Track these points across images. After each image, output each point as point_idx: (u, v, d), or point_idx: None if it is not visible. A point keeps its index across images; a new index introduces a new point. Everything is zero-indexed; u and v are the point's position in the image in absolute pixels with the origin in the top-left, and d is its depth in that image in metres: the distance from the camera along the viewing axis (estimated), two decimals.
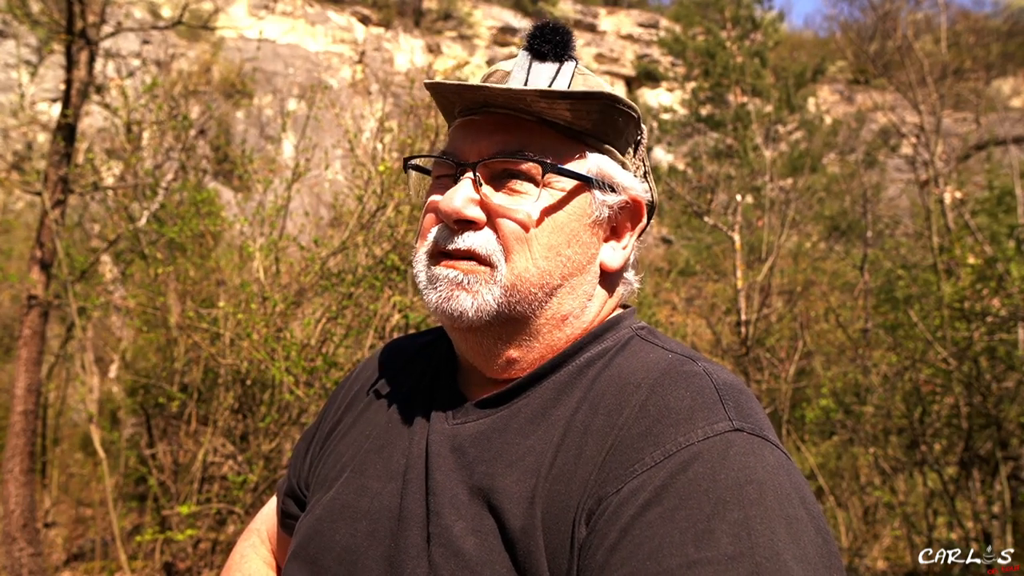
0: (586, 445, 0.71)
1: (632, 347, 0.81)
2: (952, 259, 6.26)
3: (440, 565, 0.72)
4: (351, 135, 5.00)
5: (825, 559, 0.62)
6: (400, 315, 4.46)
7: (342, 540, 0.81)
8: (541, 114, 0.80)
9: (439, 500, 0.76)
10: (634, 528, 0.63)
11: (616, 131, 0.83)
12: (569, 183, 0.81)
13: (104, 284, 6.50)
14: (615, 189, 0.84)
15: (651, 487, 0.64)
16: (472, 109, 0.83)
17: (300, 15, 32.57)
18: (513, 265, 0.79)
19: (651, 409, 0.70)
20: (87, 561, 6.06)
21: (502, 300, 0.79)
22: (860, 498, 6.60)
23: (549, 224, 0.80)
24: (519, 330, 0.82)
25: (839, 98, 34.45)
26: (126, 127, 5.62)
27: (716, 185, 9.27)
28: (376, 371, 1.01)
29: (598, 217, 0.83)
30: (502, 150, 0.80)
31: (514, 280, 0.79)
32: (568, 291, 0.83)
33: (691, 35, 18.88)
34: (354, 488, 0.85)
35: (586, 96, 0.78)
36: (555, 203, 0.81)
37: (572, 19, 39.49)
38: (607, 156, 0.84)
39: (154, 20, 14.15)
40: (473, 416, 0.82)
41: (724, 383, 0.73)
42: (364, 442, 0.90)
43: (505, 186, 0.81)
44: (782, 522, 0.62)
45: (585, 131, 0.82)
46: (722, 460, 0.65)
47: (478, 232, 0.80)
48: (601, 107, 0.80)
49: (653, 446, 0.67)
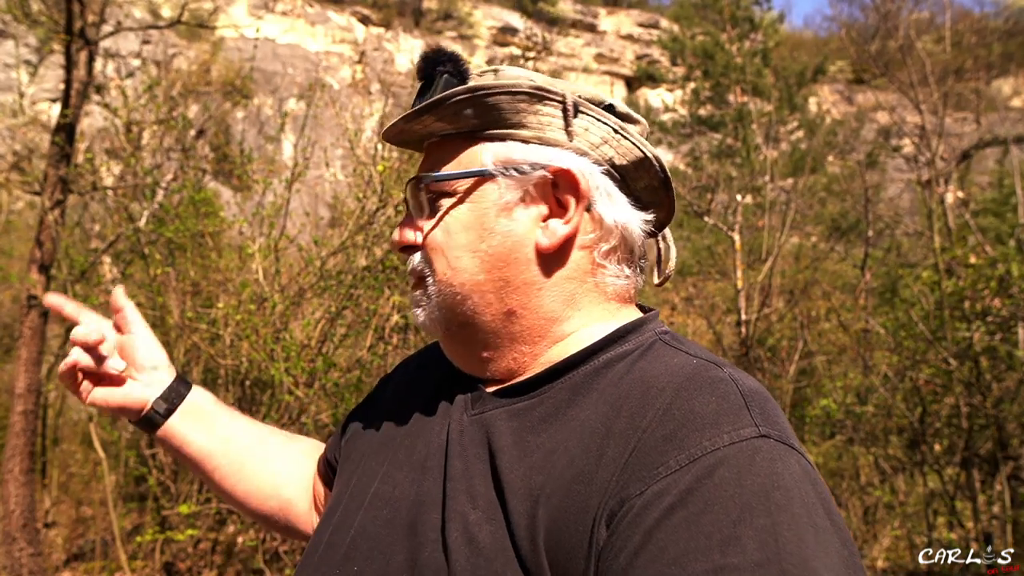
0: (607, 447, 0.70)
1: (655, 351, 0.80)
2: (953, 259, 6.25)
3: (455, 549, 0.72)
4: (351, 134, 4.99)
5: (851, 569, 0.61)
6: (400, 315, 4.46)
7: (363, 526, 0.82)
8: (432, 133, 0.86)
9: (455, 486, 0.77)
10: (658, 532, 0.62)
11: (506, 114, 0.82)
12: (467, 182, 0.83)
13: (104, 284, 6.50)
14: (521, 170, 0.82)
15: (676, 491, 0.63)
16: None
17: (300, 15, 32.59)
18: (436, 275, 0.85)
19: (676, 413, 0.69)
20: (87, 561, 6.06)
21: (442, 306, 0.85)
22: (860, 498, 6.60)
23: (455, 225, 0.84)
24: (473, 330, 0.85)
25: (839, 98, 34.48)
26: (126, 127, 5.61)
27: (716, 185, 9.27)
28: (412, 367, 1.05)
29: (507, 202, 0.82)
30: (420, 177, 0.87)
31: (440, 287, 0.84)
32: (502, 284, 0.83)
33: (690, 35, 18.87)
34: (382, 477, 0.87)
35: (439, 102, 0.80)
36: (454, 204, 0.84)
37: (572, 19, 39.51)
38: (509, 140, 0.83)
39: (154, 20, 14.16)
40: (490, 406, 0.83)
41: (750, 389, 0.72)
42: (394, 433, 0.92)
43: (430, 208, 0.87)
44: (810, 530, 0.61)
45: (476, 129, 0.83)
46: (749, 466, 0.64)
47: (415, 254, 0.88)
48: (470, 102, 0.80)
49: (678, 450, 0.66)
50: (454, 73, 0.84)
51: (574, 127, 0.83)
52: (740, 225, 7.67)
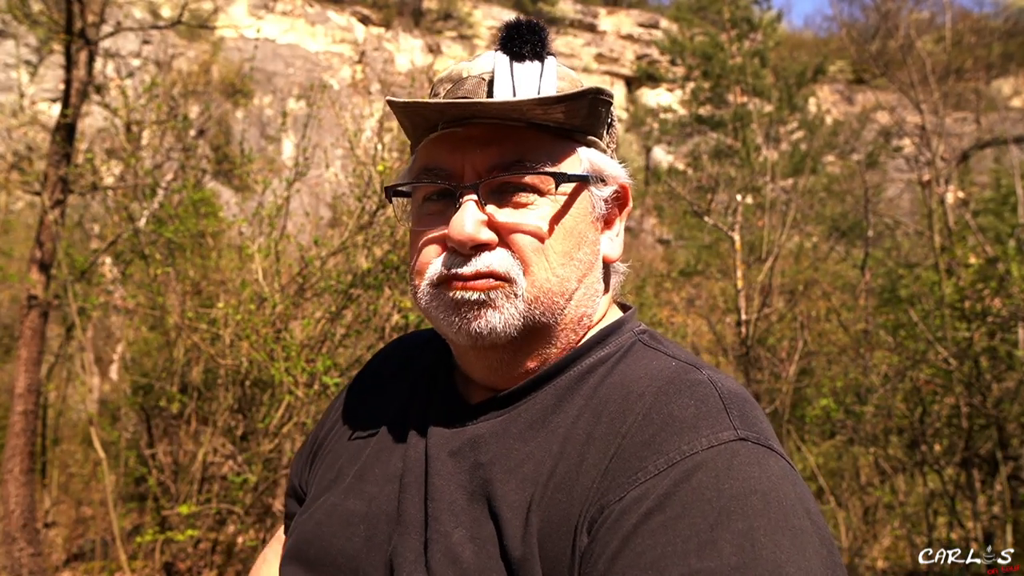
0: (588, 453, 0.71)
1: (635, 353, 0.81)
2: (953, 259, 6.25)
3: (437, 572, 0.71)
4: (351, 134, 4.99)
5: (828, 569, 0.61)
6: (400, 315, 4.46)
7: (341, 545, 0.80)
8: (533, 119, 0.78)
9: (437, 505, 0.75)
10: (636, 537, 0.62)
11: (600, 121, 0.83)
12: (570, 186, 0.80)
13: (104, 284, 6.50)
14: (605, 180, 0.84)
15: (654, 495, 0.64)
16: (454, 121, 0.79)
17: (300, 15, 32.58)
18: (533, 278, 0.78)
19: (655, 417, 0.70)
20: (87, 561, 6.06)
21: (527, 313, 0.78)
22: (860, 498, 6.59)
23: (560, 231, 0.79)
24: (540, 339, 0.81)
25: (839, 98, 34.47)
26: (126, 127, 5.61)
27: (716, 185, 9.27)
28: (376, 372, 1.01)
29: (599, 213, 0.83)
30: (499, 162, 0.78)
31: (536, 293, 0.78)
32: (583, 292, 0.82)
33: (690, 36, 18.86)
34: (352, 492, 0.84)
35: (581, 95, 0.77)
36: (561, 209, 0.80)
37: (572, 19, 39.50)
38: (594, 148, 0.83)
39: (154, 20, 14.16)
40: (472, 420, 0.81)
41: (729, 392, 0.72)
42: (363, 445, 0.89)
43: (509, 200, 0.79)
44: (786, 533, 0.61)
45: (575, 128, 0.81)
46: (727, 470, 0.64)
47: (492, 252, 0.77)
48: (590, 102, 0.79)
49: (657, 454, 0.66)
50: (547, 57, 0.80)
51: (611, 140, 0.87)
52: (740, 225, 7.66)
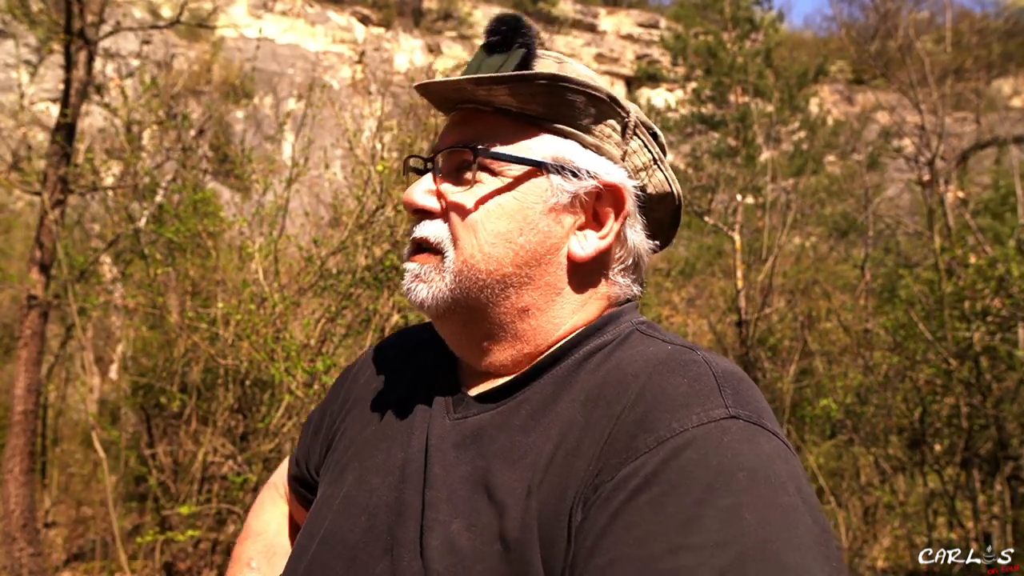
0: (585, 437, 0.71)
1: (632, 340, 0.81)
2: (953, 259, 6.25)
3: (433, 559, 0.71)
4: (351, 134, 4.99)
5: (821, 546, 0.61)
6: (400, 315, 4.46)
7: (342, 535, 0.81)
8: (490, 103, 0.80)
9: (437, 495, 0.76)
10: (623, 513, 0.63)
11: (577, 113, 0.81)
12: (519, 169, 0.80)
13: (104, 284, 6.50)
14: (577, 175, 0.81)
15: (643, 473, 0.64)
16: (450, 106, 0.86)
17: (300, 15, 32.59)
18: (460, 251, 0.80)
19: (647, 396, 0.70)
20: (87, 561, 6.06)
21: (454, 286, 0.80)
22: (860, 498, 6.60)
23: (496, 210, 0.80)
24: (481, 318, 0.82)
25: (839, 98, 34.48)
26: (126, 127, 5.61)
27: (716, 185, 9.27)
28: (381, 362, 1.01)
29: (556, 203, 0.81)
30: (457, 142, 0.82)
31: (461, 266, 0.80)
32: (526, 281, 0.81)
33: (692, 35, 18.85)
34: (356, 482, 0.85)
35: (521, 78, 0.77)
36: (501, 188, 0.80)
37: (572, 19, 39.51)
38: (571, 140, 0.82)
39: (154, 20, 14.16)
40: (474, 411, 0.81)
41: (724, 371, 0.72)
42: (367, 435, 0.90)
43: (461, 178, 0.82)
44: (775, 509, 0.61)
45: (540, 116, 0.81)
46: (716, 447, 0.64)
47: (432, 221, 0.83)
48: (548, 89, 0.78)
49: (647, 432, 0.67)
50: (531, 50, 0.82)
51: (628, 147, 0.85)
52: (740, 225, 7.67)
